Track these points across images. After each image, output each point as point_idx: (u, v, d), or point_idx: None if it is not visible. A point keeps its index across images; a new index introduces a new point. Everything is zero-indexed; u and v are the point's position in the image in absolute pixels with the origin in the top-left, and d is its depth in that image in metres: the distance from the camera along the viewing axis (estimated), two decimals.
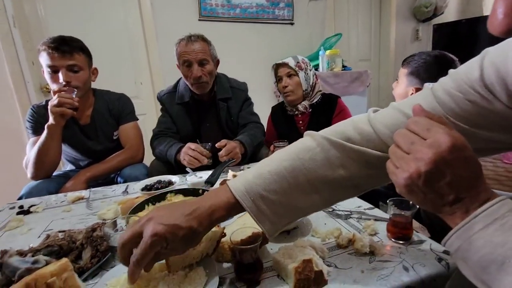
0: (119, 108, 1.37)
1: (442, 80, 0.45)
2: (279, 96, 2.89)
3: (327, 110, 1.44)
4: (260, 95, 2.83)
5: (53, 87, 1.17)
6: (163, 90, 1.46)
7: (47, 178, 1.21)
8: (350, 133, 0.49)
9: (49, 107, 1.09)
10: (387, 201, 0.65)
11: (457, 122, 0.42)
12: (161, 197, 0.84)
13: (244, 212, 0.49)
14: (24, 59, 1.90)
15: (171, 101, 1.40)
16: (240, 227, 0.57)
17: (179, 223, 0.44)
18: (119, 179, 1.29)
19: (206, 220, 0.47)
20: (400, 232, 0.62)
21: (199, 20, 2.43)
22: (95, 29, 2.10)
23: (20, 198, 1.10)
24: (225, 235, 0.57)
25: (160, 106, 1.46)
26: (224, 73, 1.51)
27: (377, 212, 0.78)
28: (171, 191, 0.87)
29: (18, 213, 0.90)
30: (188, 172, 1.07)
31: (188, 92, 1.38)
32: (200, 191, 0.86)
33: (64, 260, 0.49)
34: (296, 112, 1.47)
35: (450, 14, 3.46)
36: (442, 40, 3.29)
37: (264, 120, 1.53)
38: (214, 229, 0.55)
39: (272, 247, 0.64)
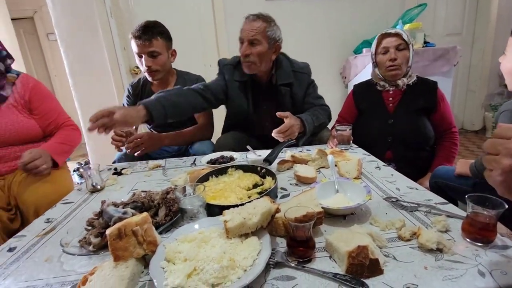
0: None
1: None
2: (345, 77, 2.71)
3: (423, 94, 1.32)
4: (325, 75, 2.70)
5: (142, 69, 1.39)
6: (227, 59, 1.44)
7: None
8: None
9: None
10: (466, 197, 0.57)
11: None
12: (223, 171, 0.91)
13: (300, 191, 0.50)
14: (118, 45, 2.21)
15: (231, 75, 1.37)
16: (295, 205, 0.59)
17: None
18: (190, 150, 1.45)
19: None
20: (479, 232, 0.54)
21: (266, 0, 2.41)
22: (172, 15, 2.29)
23: (114, 162, 1.36)
24: (279, 211, 0.59)
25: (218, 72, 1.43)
26: (291, 53, 1.44)
27: (451, 208, 0.69)
28: (232, 166, 0.93)
29: (113, 174, 1.10)
30: (248, 150, 1.13)
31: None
32: (258, 168, 0.90)
33: (145, 214, 0.59)
34: (388, 88, 1.37)
35: None
36: None
37: (328, 101, 1.47)
38: (269, 205, 0.58)
39: (327, 229, 0.64)
